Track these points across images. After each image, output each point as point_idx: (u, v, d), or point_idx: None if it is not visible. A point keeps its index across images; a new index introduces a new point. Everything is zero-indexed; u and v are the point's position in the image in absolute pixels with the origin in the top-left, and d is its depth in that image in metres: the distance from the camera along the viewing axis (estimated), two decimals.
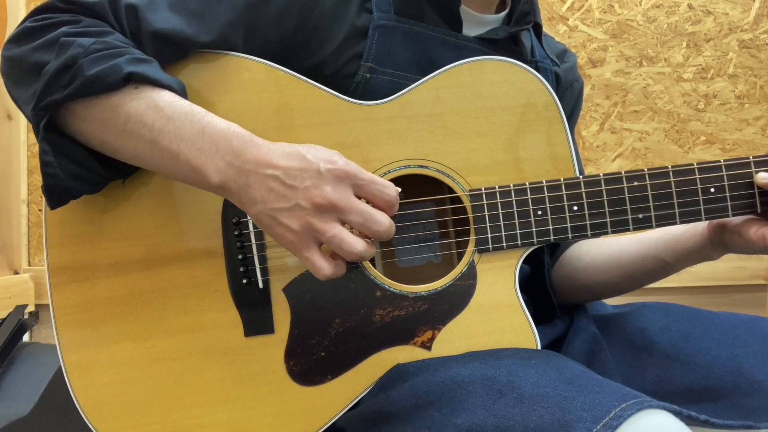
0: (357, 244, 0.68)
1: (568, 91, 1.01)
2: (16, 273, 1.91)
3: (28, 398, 1.31)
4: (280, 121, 0.79)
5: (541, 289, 0.95)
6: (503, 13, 0.93)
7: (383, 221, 0.68)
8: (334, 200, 0.67)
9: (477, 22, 0.90)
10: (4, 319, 1.53)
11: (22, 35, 0.73)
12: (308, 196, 0.66)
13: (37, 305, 1.88)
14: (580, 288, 0.98)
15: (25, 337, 1.68)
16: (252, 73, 0.79)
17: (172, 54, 0.77)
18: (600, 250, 0.97)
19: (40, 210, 0.70)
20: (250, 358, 0.78)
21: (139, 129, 0.70)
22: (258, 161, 0.68)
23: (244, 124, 0.75)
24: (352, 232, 0.69)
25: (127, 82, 0.70)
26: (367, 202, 0.70)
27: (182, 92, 0.74)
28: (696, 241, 0.88)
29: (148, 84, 0.71)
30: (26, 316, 1.70)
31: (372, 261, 0.81)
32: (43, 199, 0.77)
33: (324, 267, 0.69)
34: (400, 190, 0.71)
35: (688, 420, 0.64)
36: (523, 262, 0.81)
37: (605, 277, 0.95)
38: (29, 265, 1.95)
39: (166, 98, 0.71)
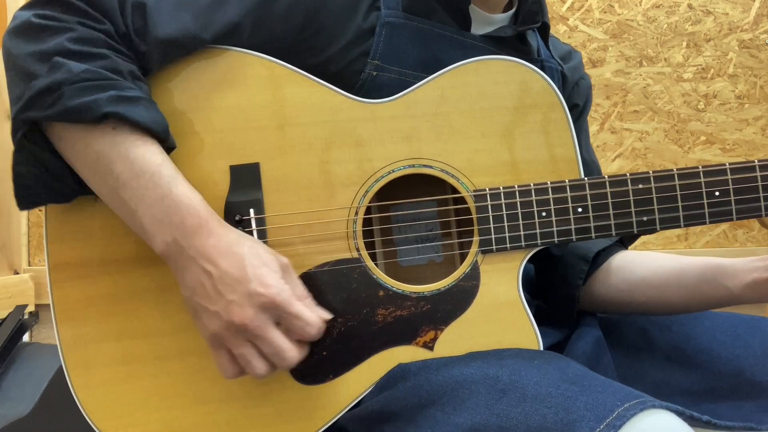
0: (259, 368, 0.70)
1: (575, 90, 1.01)
2: (16, 273, 1.90)
3: (28, 398, 1.30)
4: (283, 118, 0.78)
5: (565, 295, 0.94)
6: (510, 12, 0.93)
7: (291, 358, 0.70)
8: (251, 327, 0.68)
9: (485, 21, 0.90)
10: (4, 319, 1.53)
11: (23, 30, 0.72)
12: (229, 311, 0.67)
13: (37, 305, 1.88)
14: (627, 301, 0.94)
15: (25, 337, 1.67)
16: (254, 69, 0.79)
17: (179, 54, 0.77)
18: (659, 265, 0.92)
19: (40, 210, 0.69)
20: None
21: (105, 173, 0.70)
22: (200, 253, 0.68)
23: (245, 121, 0.75)
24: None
25: (106, 119, 0.69)
26: None
27: (163, 133, 0.73)
28: None
29: (127, 126, 0.70)
30: (26, 316, 1.69)
31: (374, 260, 0.81)
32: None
33: (226, 370, 0.71)
34: (329, 317, 0.73)
35: (690, 420, 0.64)
36: (538, 263, 0.81)
37: (660, 295, 0.90)
38: (29, 265, 1.94)
39: (138, 151, 0.70)
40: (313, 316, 0.70)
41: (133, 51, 0.74)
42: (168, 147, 0.74)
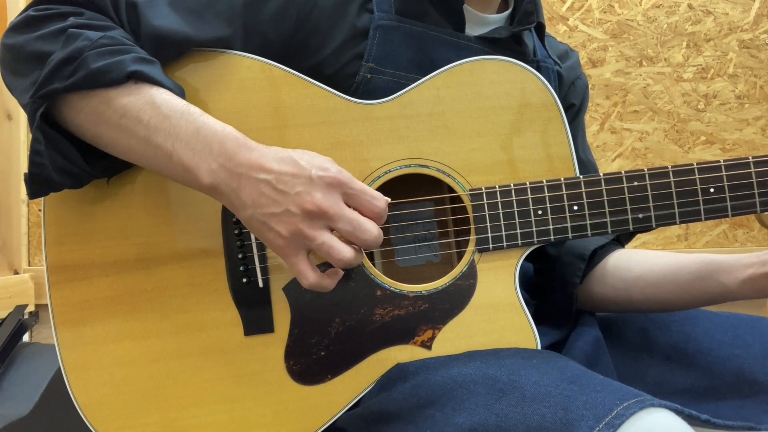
0: (345, 252, 0.68)
1: (571, 89, 1.01)
2: (16, 273, 1.91)
3: (28, 398, 1.30)
4: (279, 120, 0.79)
5: (563, 294, 0.93)
6: (506, 13, 0.93)
7: (372, 230, 0.69)
8: (324, 207, 0.67)
9: (480, 21, 0.90)
10: (4, 319, 1.53)
11: (25, 24, 0.73)
12: (299, 202, 0.67)
13: (37, 305, 1.88)
14: (624, 300, 0.94)
15: (25, 337, 1.68)
16: (250, 72, 0.79)
17: (170, 53, 0.77)
18: (655, 263, 0.92)
19: (40, 210, 0.70)
20: (249, 357, 0.78)
21: (134, 125, 0.69)
22: (250, 165, 0.68)
23: (241, 123, 0.75)
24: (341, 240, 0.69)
25: (128, 79, 0.70)
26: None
27: (182, 95, 0.74)
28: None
29: (149, 83, 0.71)
30: (26, 316, 1.70)
31: (371, 260, 0.81)
32: (43, 204, 0.77)
33: (309, 275, 0.69)
34: (389, 200, 0.71)
35: (689, 419, 0.64)
36: (535, 264, 0.81)
37: (657, 293, 0.90)
38: (29, 265, 1.95)
39: (164, 96, 0.70)
40: (375, 192, 0.70)
41: None
42: None
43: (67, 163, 0.72)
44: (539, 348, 0.79)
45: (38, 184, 0.73)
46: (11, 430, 1.26)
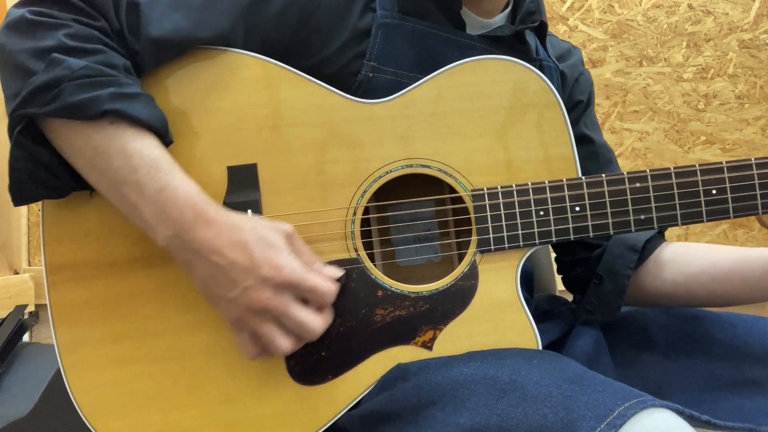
0: (285, 346, 0.70)
1: (575, 87, 1.00)
2: (16, 273, 1.91)
3: (28, 398, 1.30)
4: (280, 119, 0.78)
5: (613, 287, 0.92)
6: (506, 12, 0.93)
7: (316, 328, 0.71)
8: (270, 307, 0.68)
9: (480, 25, 0.90)
10: (4, 319, 1.53)
11: (18, 26, 0.72)
12: (248, 297, 0.68)
13: (37, 305, 1.88)
14: (683, 295, 0.92)
15: (25, 337, 1.67)
16: (251, 70, 0.78)
17: (170, 54, 0.76)
18: (719, 257, 0.90)
19: (39, 210, 0.69)
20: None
21: (104, 168, 0.70)
22: (204, 244, 0.68)
23: (241, 122, 0.75)
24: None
25: (105, 116, 0.69)
26: None
27: (163, 130, 0.73)
28: None
29: (126, 121, 0.70)
30: (26, 316, 1.69)
31: (372, 260, 0.81)
32: (42, 204, 0.77)
33: (249, 351, 0.72)
34: (340, 275, 0.74)
35: (689, 419, 0.64)
36: (565, 256, 0.79)
37: (722, 288, 0.89)
38: (29, 265, 1.95)
39: (136, 145, 0.70)
40: (327, 284, 0.71)
41: (126, 49, 0.74)
42: (166, 142, 0.74)
43: (49, 177, 0.73)
44: (540, 348, 0.79)
45: (19, 197, 0.74)
46: (11, 430, 1.25)
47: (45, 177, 0.72)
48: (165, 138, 0.73)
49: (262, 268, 0.68)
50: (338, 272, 0.74)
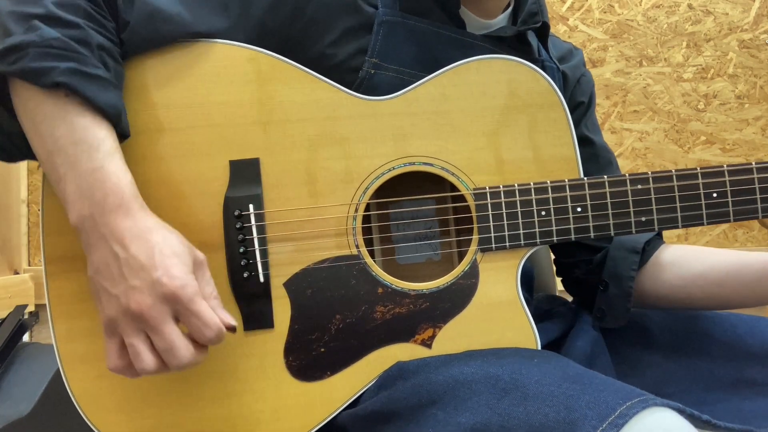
0: (148, 364, 0.66)
1: (577, 87, 1.00)
2: (16, 273, 1.91)
3: (28, 398, 1.30)
4: (283, 114, 0.78)
5: (618, 290, 0.92)
6: (507, 12, 0.93)
7: (182, 358, 0.66)
8: (146, 316, 0.65)
9: (479, 26, 0.90)
10: (4, 319, 1.53)
11: None
12: (128, 296, 0.65)
13: (37, 305, 1.88)
14: (681, 297, 0.92)
15: (25, 337, 1.67)
16: (255, 64, 0.78)
17: (162, 29, 0.76)
18: (717, 260, 0.90)
19: (39, 210, 0.70)
20: (248, 352, 0.77)
21: (46, 135, 0.69)
22: (112, 232, 0.67)
23: (243, 118, 0.75)
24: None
25: (57, 87, 0.68)
26: None
27: (114, 117, 0.71)
28: None
29: (79, 98, 0.69)
30: (26, 316, 1.69)
31: (372, 257, 0.81)
32: (42, 195, 0.77)
33: (112, 360, 0.68)
34: (234, 323, 0.69)
35: (690, 419, 0.64)
36: (565, 259, 0.79)
37: (719, 291, 0.89)
38: (29, 265, 1.95)
39: (85, 121, 0.69)
40: (214, 318, 0.67)
41: (118, 21, 0.74)
42: (120, 133, 0.73)
43: (3, 137, 0.73)
44: (539, 348, 0.79)
45: None
46: (11, 430, 1.25)
47: (2, 138, 0.73)
48: (118, 127, 0.72)
49: (156, 271, 0.65)
50: (232, 321, 0.69)
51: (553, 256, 1.07)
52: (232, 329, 0.69)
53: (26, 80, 0.68)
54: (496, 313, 0.79)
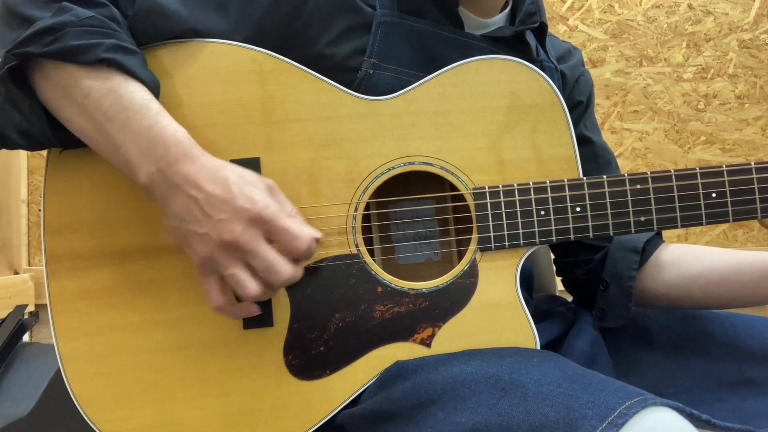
0: (251, 288, 0.68)
1: (575, 87, 1.01)
2: (16, 273, 1.91)
3: (28, 398, 1.30)
4: (283, 114, 0.78)
5: (619, 290, 0.92)
6: (505, 12, 0.93)
7: (284, 273, 0.68)
8: (241, 242, 0.67)
9: (478, 25, 0.90)
10: (4, 319, 1.53)
11: None
12: (219, 230, 0.67)
13: (37, 305, 1.88)
14: (681, 297, 0.93)
15: (25, 337, 1.67)
16: (256, 64, 0.79)
17: (161, 26, 0.77)
18: (717, 260, 0.91)
19: (39, 210, 0.70)
20: (248, 351, 0.78)
21: (93, 108, 0.70)
22: (186, 178, 0.68)
23: (244, 117, 0.75)
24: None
25: (101, 63, 0.70)
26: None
27: (155, 90, 0.74)
28: None
29: (121, 71, 0.71)
30: (26, 316, 1.69)
31: (372, 256, 0.81)
32: (42, 195, 0.77)
33: (215, 298, 0.70)
34: (319, 236, 0.70)
35: (690, 418, 0.64)
36: (564, 258, 0.79)
37: (718, 291, 0.89)
38: (29, 265, 1.95)
39: (130, 87, 0.71)
40: (303, 230, 0.69)
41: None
42: None
43: (25, 123, 0.73)
44: (538, 348, 0.79)
45: None
46: (11, 430, 1.25)
47: (21, 123, 0.73)
48: (154, 94, 0.74)
49: (238, 199, 0.67)
50: (317, 233, 0.71)
51: (553, 256, 1.07)
52: (319, 241, 0.71)
53: (64, 60, 0.70)
54: (496, 313, 0.79)
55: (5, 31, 0.72)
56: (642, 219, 0.80)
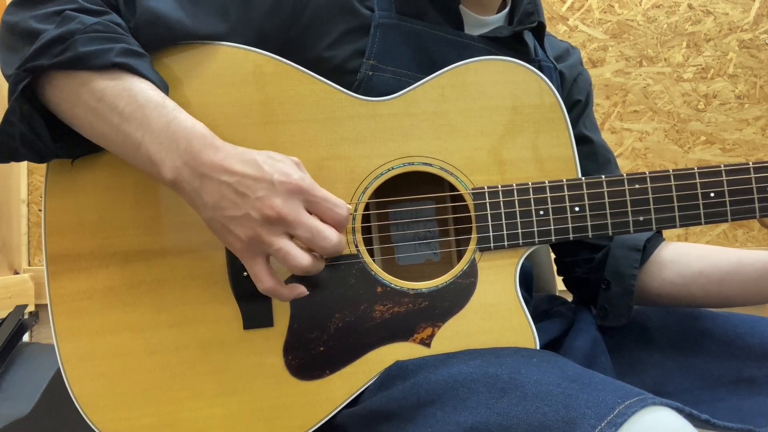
0: (302, 259, 0.68)
1: (574, 86, 1.01)
2: (16, 273, 1.91)
3: (28, 398, 1.30)
4: (283, 115, 0.79)
5: (621, 288, 0.92)
6: (504, 12, 0.93)
7: (331, 237, 0.69)
8: (284, 213, 0.67)
9: (477, 23, 0.90)
10: (4, 319, 1.53)
11: (23, 2, 0.73)
12: (259, 207, 0.67)
13: (37, 305, 1.88)
14: (682, 296, 0.93)
15: (25, 337, 1.67)
16: (256, 66, 0.79)
17: (164, 34, 0.77)
18: (718, 259, 0.91)
19: (39, 210, 0.70)
20: (248, 351, 0.78)
21: (109, 110, 0.70)
22: (213, 165, 0.68)
23: (243, 118, 0.75)
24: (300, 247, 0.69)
25: (113, 67, 0.70)
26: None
27: (164, 90, 0.74)
28: None
29: (132, 73, 0.71)
30: (26, 316, 1.69)
31: (372, 257, 0.81)
32: (43, 195, 0.77)
33: (264, 280, 0.70)
34: (351, 208, 0.71)
35: (689, 418, 0.64)
36: (565, 257, 0.79)
37: (719, 290, 0.90)
38: (29, 265, 1.95)
39: (143, 86, 0.71)
40: (340, 199, 0.70)
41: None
42: None
43: (35, 138, 0.73)
44: (538, 348, 0.79)
45: (2, 152, 0.74)
46: (11, 430, 1.25)
47: (31, 138, 0.73)
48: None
49: (272, 176, 0.67)
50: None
51: (553, 255, 1.07)
52: (349, 211, 0.72)
53: (78, 67, 0.70)
54: (495, 313, 0.79)
55: (11, 54, 0.72)
56: (641, 219, 0.80)
